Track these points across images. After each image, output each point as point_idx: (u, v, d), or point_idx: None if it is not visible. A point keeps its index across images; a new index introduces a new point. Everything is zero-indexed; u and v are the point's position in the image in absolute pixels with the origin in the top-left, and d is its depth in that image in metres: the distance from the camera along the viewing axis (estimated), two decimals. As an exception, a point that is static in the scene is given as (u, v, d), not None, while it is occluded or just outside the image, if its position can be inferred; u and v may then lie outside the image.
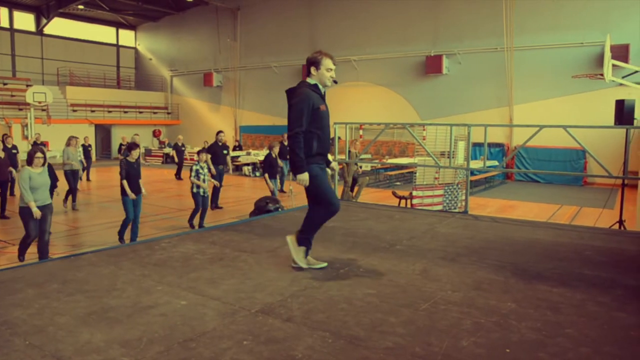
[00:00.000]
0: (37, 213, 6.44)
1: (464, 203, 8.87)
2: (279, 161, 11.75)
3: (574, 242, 5.33)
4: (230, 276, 4.01)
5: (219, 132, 12.15)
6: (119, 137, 28.28)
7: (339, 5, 23.11)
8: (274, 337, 2.87)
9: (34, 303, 3.37)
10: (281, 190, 13.56)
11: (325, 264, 4.25)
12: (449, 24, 20.19)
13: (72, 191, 11.48)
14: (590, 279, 3.98)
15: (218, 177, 11.33)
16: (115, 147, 28.45)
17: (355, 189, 10.81)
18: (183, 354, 2.65)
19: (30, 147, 15.69)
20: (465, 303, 3.43)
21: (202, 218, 9.45)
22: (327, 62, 4.13)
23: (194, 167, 9.39)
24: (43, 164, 6.67)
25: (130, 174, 7.97)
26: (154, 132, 29.98)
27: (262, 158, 20.09)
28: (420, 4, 20.74)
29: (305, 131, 4.00)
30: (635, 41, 16.08)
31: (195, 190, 9.32)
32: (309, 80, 4.16)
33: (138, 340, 2.81)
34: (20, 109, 23.52)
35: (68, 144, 11.48)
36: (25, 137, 21.31)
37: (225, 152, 11.84)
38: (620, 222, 8.11)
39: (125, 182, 7.92)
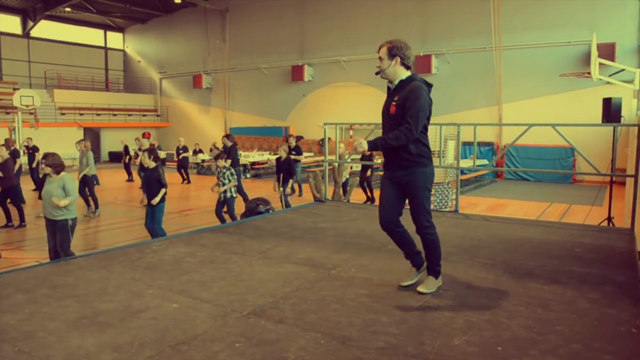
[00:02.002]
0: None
1: (454, 202, 8.90)
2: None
3: (564, 240, 5.37)
4: (222, 278, 4.00)
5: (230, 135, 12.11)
6: (108, 140, 28.23)
7: (327, 6, 23.12)
8: (266, 339, 2.86)
9: (24, 308, 3.34)
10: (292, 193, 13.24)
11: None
12: (437, 24, 20.28)
13: (90, 198, 11.11)
14: (580, 276, 4.02)
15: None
16: (104, 150, 28.32)
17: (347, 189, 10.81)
18: (175, 358, 2.64)
19: (23, 151, 15.47)
20: (457, 302, 3.44)
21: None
22: None
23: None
24: (55, 172, 5.78)
25: (144, 179, 7.52)
26: (143, 134, 29.76)
27: (252, 160, 20.17)
28: (409, 4, 20.81)
29: None
30: (622, 40, 16.24)
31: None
32: None
33: (129, 345, 2.79)
34: (8, 113, 23.27)
35: (88, 149, 11.03)
36: (13, 141, 21.07)
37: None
38: (609, 219, 8.18)
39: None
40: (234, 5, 26.26)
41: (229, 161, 9.92)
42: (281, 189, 10.13)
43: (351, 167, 11.61)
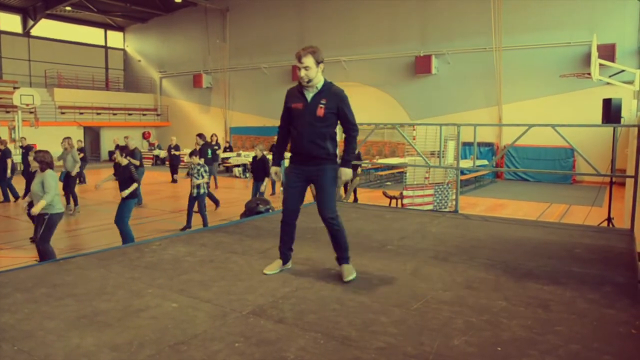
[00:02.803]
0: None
1: (454, 202, 8.91)
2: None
3: (564, 240, 5.37)
4: (221, 278, 4.00)
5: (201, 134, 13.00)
6: (108, 139, 28.23)
7: (328, 6, 23.12)
8: (265, 339, 2.86)
9: (23, 308, 3.34)
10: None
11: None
12: (437, 24, 20.28)
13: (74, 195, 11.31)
14: (579, 277, 4.02)
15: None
16: (104, 149, 28.33)
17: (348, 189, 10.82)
18: (174, 357, 2.64)
19: (19, 151, 15.56)
20: (456, 302, 3.44)
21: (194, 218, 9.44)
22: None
23: None
24: (42, 169, 6.09)
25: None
26: (143, 134, 29.82)
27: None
28: (409, 4, 20.82)
29: (283, 128, 4.11)
30: (622, 40, 16.24)
31: None
32: None
33: (129, 344, 2.78)
34: (8, 112, 23.28)
35: (72, 146, 11.34)
36: (13, 140, 21.10)
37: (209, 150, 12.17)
38: (609, 219, 8.18)
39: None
40: (235, 5, 26.25)
41: (202, 159, 10.48)
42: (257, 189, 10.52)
43: None
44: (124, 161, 7.63)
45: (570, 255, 4.73)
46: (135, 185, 7.47)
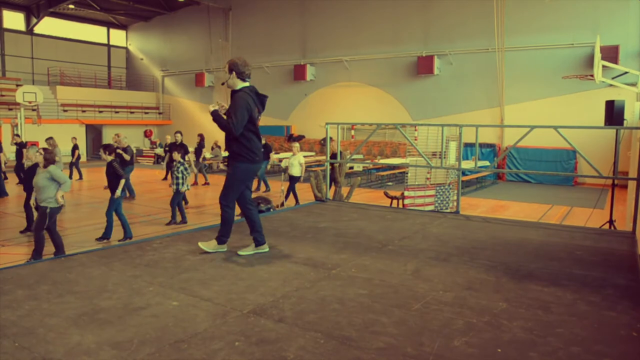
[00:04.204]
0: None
1: (455, 203, 8.90)
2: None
3: (565, 242, 5.36)
4: (222, 277, 4.00)
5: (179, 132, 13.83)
6: (110, 137, 28.25)
7: (330, 6, 23.11)
8: (265, 338, 2.86)
9: (24, 304, 3.34)
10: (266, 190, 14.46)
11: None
12: (440, 25, 20.26)
13: None
14: (580, 279, 4.01)
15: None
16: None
17: (347, 189, 10.80)
18: (174, 355, 2.64)
19: (14, 148, 15.68)
20: (457, 303, 3.44)
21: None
22: None
23: None
24: (45, 166, 6.69)
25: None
26: (145, 132, 29.84)
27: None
28: (412, 4, 20.80)
29: None
30: (625, 42, 16.21)
31: None
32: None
33: (129, 342, 2.79)
34: (10, 109, 23.31)
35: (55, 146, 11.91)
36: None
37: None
38: (611, 222, 8.17)
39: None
40: (237, 4, 26.26)
41: (188, 155, 10.88)
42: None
43: (351, 168, 11.66)
44: (109, 158, 8.31)
45: (571, 257, 4.73)
46: (122, 181, 8.26)
